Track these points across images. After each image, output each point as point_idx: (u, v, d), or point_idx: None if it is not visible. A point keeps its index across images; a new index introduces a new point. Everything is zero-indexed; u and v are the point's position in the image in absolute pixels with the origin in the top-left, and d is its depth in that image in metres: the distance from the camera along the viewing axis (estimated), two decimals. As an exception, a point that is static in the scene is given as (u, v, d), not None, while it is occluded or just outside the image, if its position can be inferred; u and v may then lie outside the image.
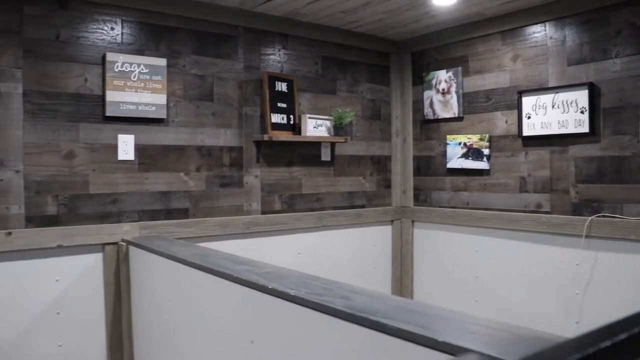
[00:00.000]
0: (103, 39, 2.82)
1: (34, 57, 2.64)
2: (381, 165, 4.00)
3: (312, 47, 3.58)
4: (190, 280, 2.15)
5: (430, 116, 3.89)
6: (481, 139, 3.54)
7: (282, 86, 3.34)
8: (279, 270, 1.93)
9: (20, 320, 2.61)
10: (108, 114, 2.79)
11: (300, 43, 3.52)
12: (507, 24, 3.36)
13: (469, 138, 3.62)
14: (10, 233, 2.56)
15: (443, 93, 3.78)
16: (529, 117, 3.25)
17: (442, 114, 3.81)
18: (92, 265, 2.77)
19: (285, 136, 3.32)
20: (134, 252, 2.71)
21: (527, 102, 3.26)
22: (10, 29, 2.59)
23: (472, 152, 3.59)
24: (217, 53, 3.15)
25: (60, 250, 2.69)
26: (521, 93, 3.29)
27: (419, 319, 1.31)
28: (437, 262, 3.82)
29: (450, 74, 3.73)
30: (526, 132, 3.27)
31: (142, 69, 2.87)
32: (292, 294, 1.57)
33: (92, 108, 2.77)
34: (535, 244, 3.21)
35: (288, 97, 3.37)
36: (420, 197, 3.98)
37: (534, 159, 3.26)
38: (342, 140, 3.56)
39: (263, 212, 3.32)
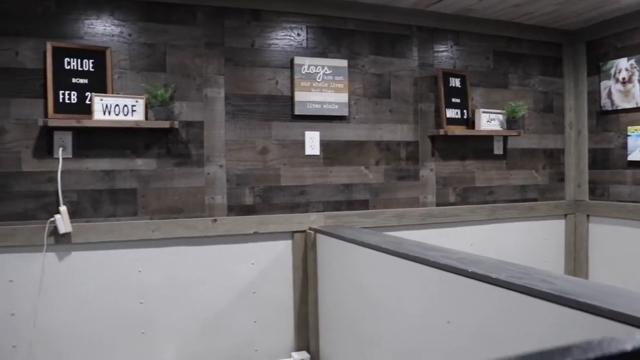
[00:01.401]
0: (291, 45, 3.09)
1: (233, 65, 2.97)
2: (554, 158, 3.91)
3: (483, 42, 3.60)
4: (383, 266, 2.29)
5: (608, 107, 3.73)
6: (670, 128, 3.33)
7: (455, 82, 3.41)
8: (471, 256, 2.01)
9: (223, 297, 2.94)
10: (296, 112, 3.05)
11: (472, 39, 3.56)
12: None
13: (655, 128, 3.42)
14: (215, 220, 2.91)
15: (623, 82, 3.61)
16: None
17: (622, 104, 3.63)
18: (282, 250, 3.04)
19: (459, 130, 3.38)
20: (322, 239, 2.93)
21: None
22: (215, 42, 2.94)
23: (659, 143, 3.39)
24: (393, 52, 3.30)
25: (256, 236, 2.98)
26: None
27: (623, 302, 1.33)
28: (614, 258, 3.65)
29: (632, 61, 3.55)
30: None
31: (326, 70, 3.10)
32: (494, 277, 1.64)
33: (283, 108, 3.05)
34: None
35: (461, 92, 3.44)
36: (597, 191, 3.82)
37: None
38: (515, 134, 3.54)
39: (438, 204, 3.41)
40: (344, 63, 3.15)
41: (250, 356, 2.98)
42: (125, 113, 2.69)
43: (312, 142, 3.09)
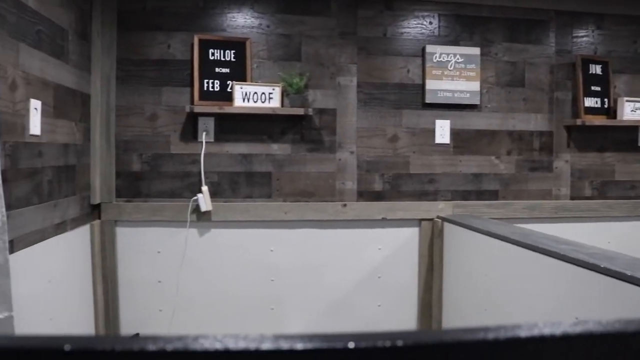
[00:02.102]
0: (422, 33, 3.09)
1: (366, 54, 3.03)
2: None
3: (629, 25, 3.38)
4: (511, 257, 2.25)
5: None
6: None
7: (596, 69, 3.23)
8: (604, 252, 1.92)
9: (349, 280, 3.03)
10: (427, 101, 3.05)
11: (616, 22, 3.35)
12: None
13: None
14: (345, 205, 2.99)
15: None
16: None
17: None
18: (409, 237, 3.06)
19: (599, 120, 3.21)
20: (449, 228, 2.92)
21: None
22: (348, 31, 3.01)
23: None
24: (528, 39, 3.19)
25: (384, 222, 3.03)
26: None
27: None
28: None
29: None
30: None
31: (458, 59, 3.07)
32: (629, 274, 1.57)
33: (413, 96, 3.07)
34: None
35: (602, 79, 3.25)
36: None
37: None
38: (664, 125, 3.29)
39: (572, 198, 3.26)
40: (476, 51, 3.10)
41: (374, 339, 3.04)
42: (263, 100, 2.84)
43: (442, 131, 3.08)
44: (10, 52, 1.97)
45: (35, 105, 2.15)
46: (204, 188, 2.86)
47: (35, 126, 2.15)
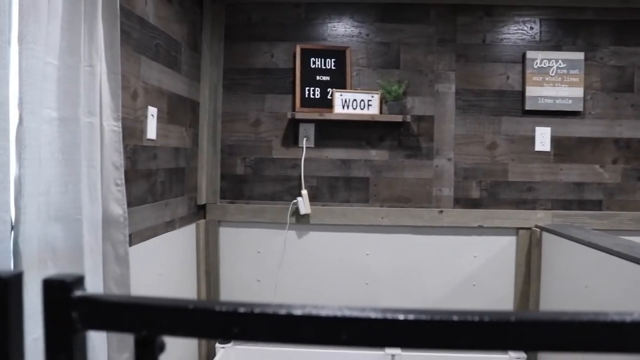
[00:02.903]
0: (523, 39, 3.05)
1: (464, 61, 3.03)
2: None
3: None
4: (614, 270, 2.18)
5: None
6: None
7: None
8: None
9: (443, 286, 3.03)
10: (527, 107, 3.00)
11: None
12: None
13: None
14: (441, 211, 3.00)
15: None
16: None
17: None
18: (506, 246, 3.02)
19: None
20: (548, 238, 2.86)
21: None
22: (447, 38, 3.03)
23: None
24: (638, 41, 3.07)
25: (480, 230, 3.01)
26: None
27: None
28: None
29: None
30: None
31: (560, 64, 3.00)
32: None
33: (513, 103, 3.03)
34: None
35: None
36: None
37: None
38: None
39: (684, 210, 3.09)
40: (580, 56, 3.01)
41: (469, 347, 3.02)
42: (362, 107, 2.90)
43: (543, 138, 3.02)
44: (134, 65, 2.15)
45: (152, 112, 2.33)
46: (304, 192, 2.96)
47: (151, 131, 2.33)
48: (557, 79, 3.00)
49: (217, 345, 2.95)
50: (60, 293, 0.51)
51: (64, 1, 1.56)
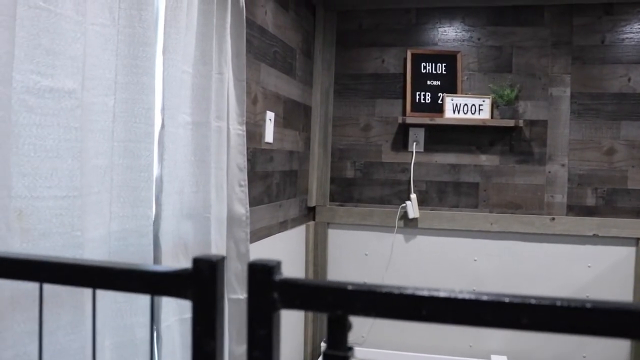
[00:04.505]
0: (647, 40, 2.91)
1: (581, 63, 2.93)
2: None
3: None
4: None
5: None
6: None
7: None
8: None
9: (554, 296, 2.93)
10: (650, 112, 2.86)
11: None
12: None
13: None
14: (553, 219, 2.92)
15: None
16: None
17: None
18: (624, 257, 2.89)
19: None
20: (672, 249, 2.71)
21: None
22: (562, 40, 2.94)
23: None
24: None
25: (595, 239, 2.90)
26: None
27: None
28: None
29: None
30: None
31: (688, 66, 2.84)
32: None
33: (634, 106, 2.90)
34: None
35: None
36: None
37: None
38: None
39: None
40: None
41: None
42: (473, 112, 2.89)
43: (667, 144, 2.87)
44: (254, 72, 2.27)
45: (270, 116, 2.44)
46: (413, 196, 2.99)
47: (269, 134, 2.44)
48: (684, 82, 2.84)
49: (322, 344, 3.04)
50: (264, 276, 0.58)
51: (199, 14, 1.69)
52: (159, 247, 1.55)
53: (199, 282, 0.60)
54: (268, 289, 0.58)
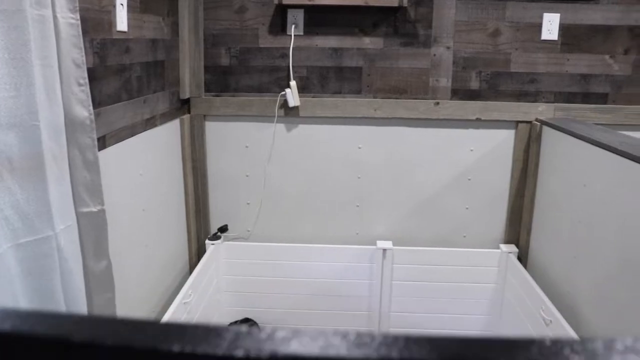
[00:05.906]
0: None
1: None
2: None
3: None
4: (614, 169, 2.08)
5: None
6: None
7: None
8: None
9: (437, 180, 2.95)
10: (536, -10, 2.75)
11: None
12: None
13: None
14: (438, 103, 2.85)
15: None
16: None
17: None
18: (504, 140, 2.90)
19: None
20: (548, 133, 2.73)
21: None
22: None
23: None
24: None
25: (478, 123, 2.88)
26: None
27: None
28: None
29: None
30: None
31: (576, -59, 2.70)
32: None
33: (521, -15, 2.77)
34: None
35: None
36: None
37: None
38: None
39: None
40: None
41: (458, 242, 3.00)
42: (355, -10, 2.65)
43: (551, 26, 2.79)
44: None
45: (121, 1, 2.11)
46: (292, 83, 2.80)
47: (122, 22, 2.12)
48: (571, -42, 2.72)
49: (207, 241, 2.93)
50: None
51: None
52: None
53: None
54: None
